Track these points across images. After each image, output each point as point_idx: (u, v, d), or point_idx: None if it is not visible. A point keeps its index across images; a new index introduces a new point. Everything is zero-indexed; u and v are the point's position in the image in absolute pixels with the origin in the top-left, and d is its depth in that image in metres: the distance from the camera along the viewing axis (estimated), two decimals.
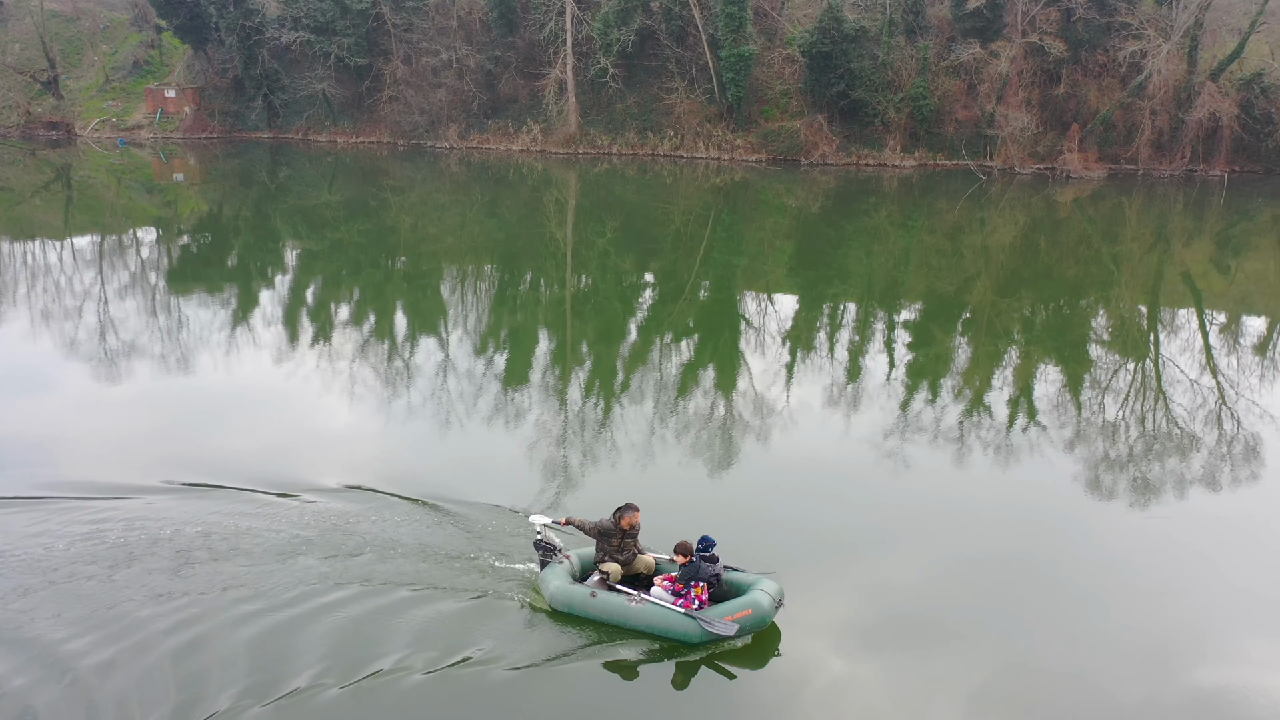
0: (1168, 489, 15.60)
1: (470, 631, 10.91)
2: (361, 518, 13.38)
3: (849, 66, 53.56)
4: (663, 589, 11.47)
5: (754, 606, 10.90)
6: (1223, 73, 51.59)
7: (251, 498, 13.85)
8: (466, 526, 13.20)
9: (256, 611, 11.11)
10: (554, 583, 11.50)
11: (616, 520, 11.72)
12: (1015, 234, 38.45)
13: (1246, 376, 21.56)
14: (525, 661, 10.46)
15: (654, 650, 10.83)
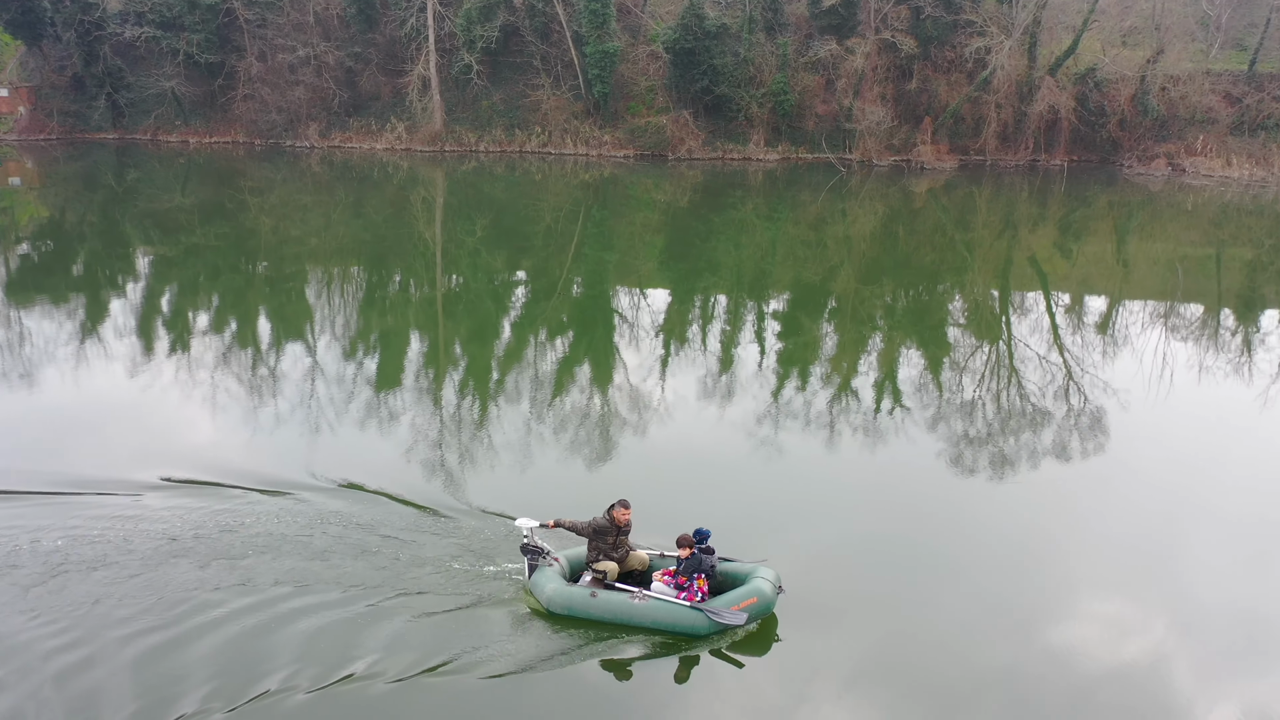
0: (1023, 461, 16.47)
1: (457, 637, 10.79)
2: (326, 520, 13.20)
3: (712, 63, 54.44)
4: (663, 584, 11.49)
5: (758, 594, 11.03)
6: (1059, 68, 54.56)
7: (100, 502, 13.23)
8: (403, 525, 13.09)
9: (230, 614, 11.08)
10: (550, 585, 11.35)
11: (610, 518, 11.65)
12: (875, 224, 39.84)
13: (1090, 353, 22.93)
14: (519, 665, 10.43)
15: (653, 646, 10.87)
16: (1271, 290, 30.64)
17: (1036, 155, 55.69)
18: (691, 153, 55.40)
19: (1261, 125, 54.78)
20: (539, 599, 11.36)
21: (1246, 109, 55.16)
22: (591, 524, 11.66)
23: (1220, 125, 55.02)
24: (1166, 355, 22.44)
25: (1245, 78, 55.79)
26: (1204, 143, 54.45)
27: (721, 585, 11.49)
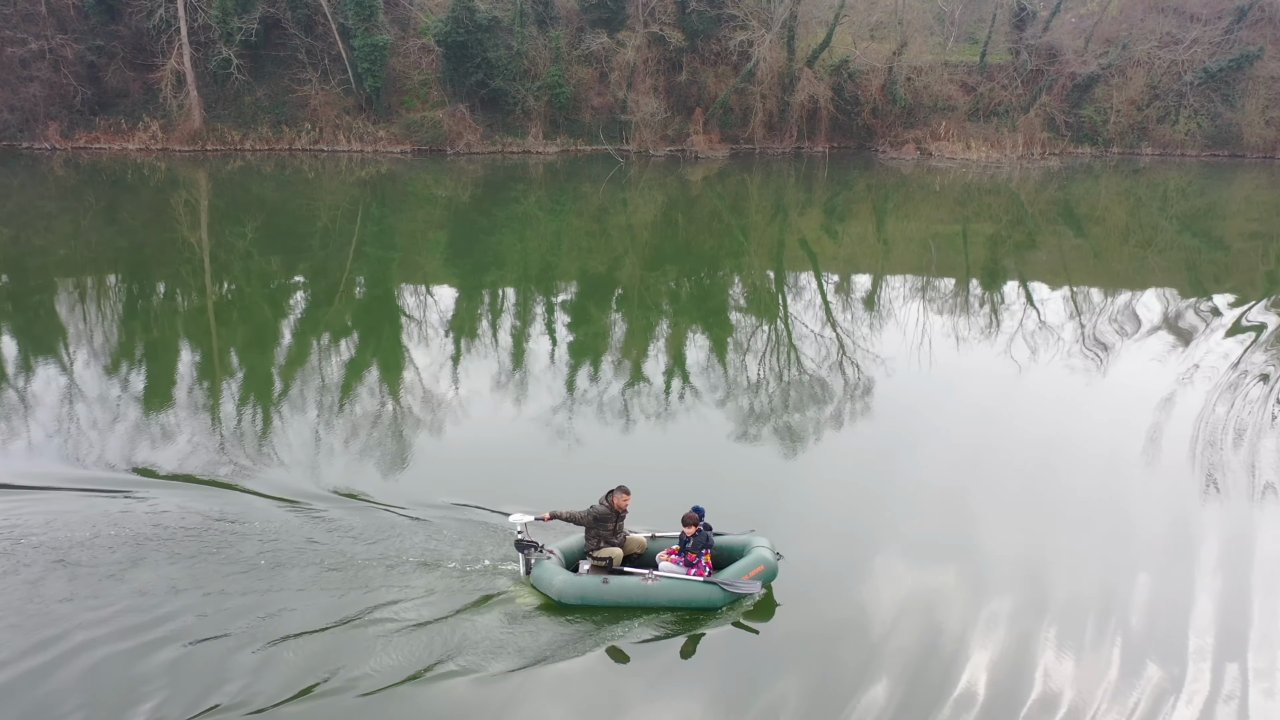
0: (808, 431, 17.44)
1: (465, 638, 10.67)
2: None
3: (486, 56, 54.05)
4: (671, 563, 11.72)
5: (764, 562, 11.53)
6: (816, 60, 57.74)
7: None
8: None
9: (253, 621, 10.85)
10: (558, 577, 11.34)
11: (610, 504, 11.72)
12: (655, 212, 40.87)
13: (859, 327, 24.51)
14: (535, 658, 10.45)
15: (666, 624, 11.08)
16: (1011, 261, 33.72)
17: (800, 142, 58.73)
18: (470, 147, 54.83)
19: (994, 112, 60.09)
20: (548, 592, 11.34)
21: (980, 97, 60.35)
22: (591, 512, 11.74)
23: (959, 112, 59.92)
24: (925, 324, 24.31)
25: (978, 68, 61.00)
26: (946, 128, 59.14)
27: (718, 559, 11.85)
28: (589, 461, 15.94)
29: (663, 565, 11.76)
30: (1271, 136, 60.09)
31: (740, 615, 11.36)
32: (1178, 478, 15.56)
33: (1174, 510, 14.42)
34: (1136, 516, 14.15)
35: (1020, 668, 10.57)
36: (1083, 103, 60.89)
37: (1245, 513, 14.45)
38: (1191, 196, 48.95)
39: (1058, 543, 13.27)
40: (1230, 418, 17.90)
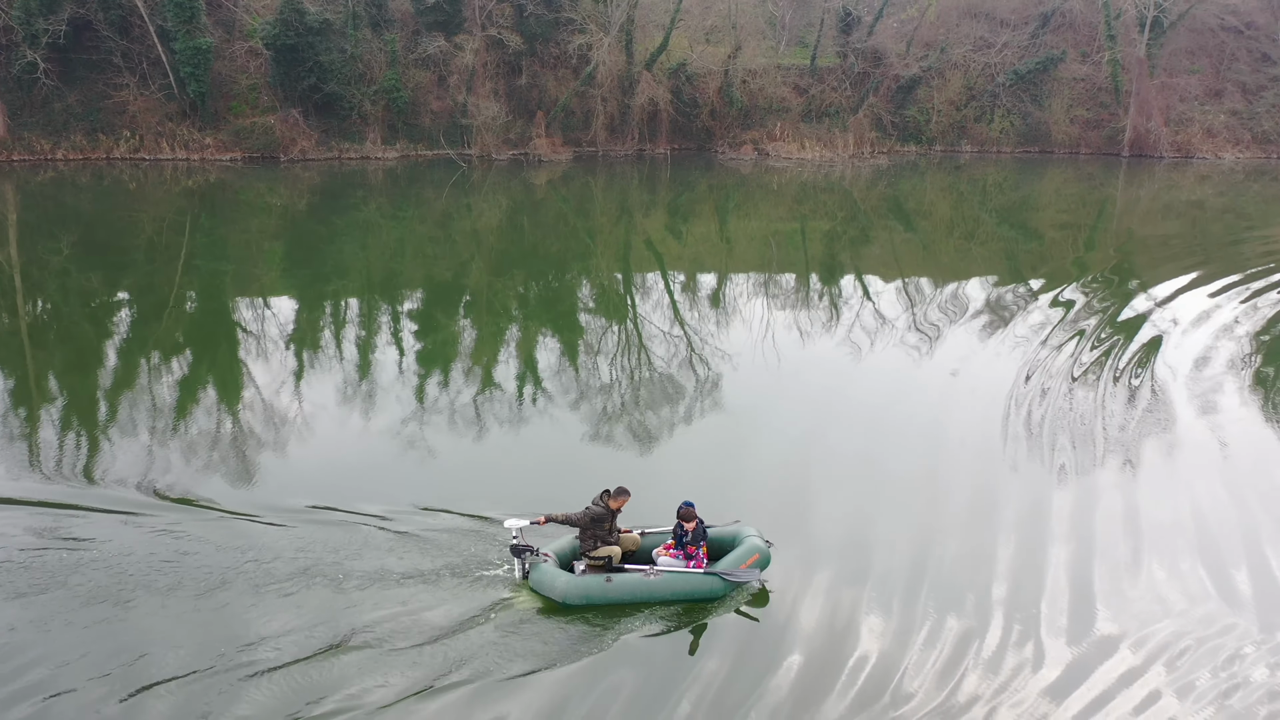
0: (661, 429, 17.68)
1: (472, 646, 10.69)
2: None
3: (318, 59, 52.36)
4: (669, 557, 12.05)
5: (759, 550, 11.93)
6: (654, 63, 58.54)
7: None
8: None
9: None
10: (560, 579, 11.49)
11: (605, 505, 11.92)
12: (500, 217, 40.58)
13: (706, 324, 25.02)
14: (547, 661, 10.56)
15: (669, 617, 11.38)
16: (847, 256, 35.10)
17: (643, 145, 59.41)
18: (305, 153, 53.02)
19: (825, 112, 62.34)
20: (551, 595, 11.48)
21: (812, 99, 62.50)
22: (587, 513, 11.89)
23: (793, 113, 61.91)
24: (769, 318, 25.03)
25: (809, 71, 63.18)
26: (782, 129, 61.00)
27: (710, 551, 12.16)
28: (441, 468, 15.73)
29: (661, 560, 12.11)
30: (1076, 134, 64.55)
31: (739, 603, 11.79)
32: (991, 449, 16.72)
33: (984, 478, 15.69)
34: (951, 484, 15.33)
35: (845, 629, 11.36)
36: (907, 103, 63.88)
37: (1043, 477, 15.73)
38: (1008, 190, 52.09)
39: (883, 512, 14.10)
40: (1038, 392, 19.22)
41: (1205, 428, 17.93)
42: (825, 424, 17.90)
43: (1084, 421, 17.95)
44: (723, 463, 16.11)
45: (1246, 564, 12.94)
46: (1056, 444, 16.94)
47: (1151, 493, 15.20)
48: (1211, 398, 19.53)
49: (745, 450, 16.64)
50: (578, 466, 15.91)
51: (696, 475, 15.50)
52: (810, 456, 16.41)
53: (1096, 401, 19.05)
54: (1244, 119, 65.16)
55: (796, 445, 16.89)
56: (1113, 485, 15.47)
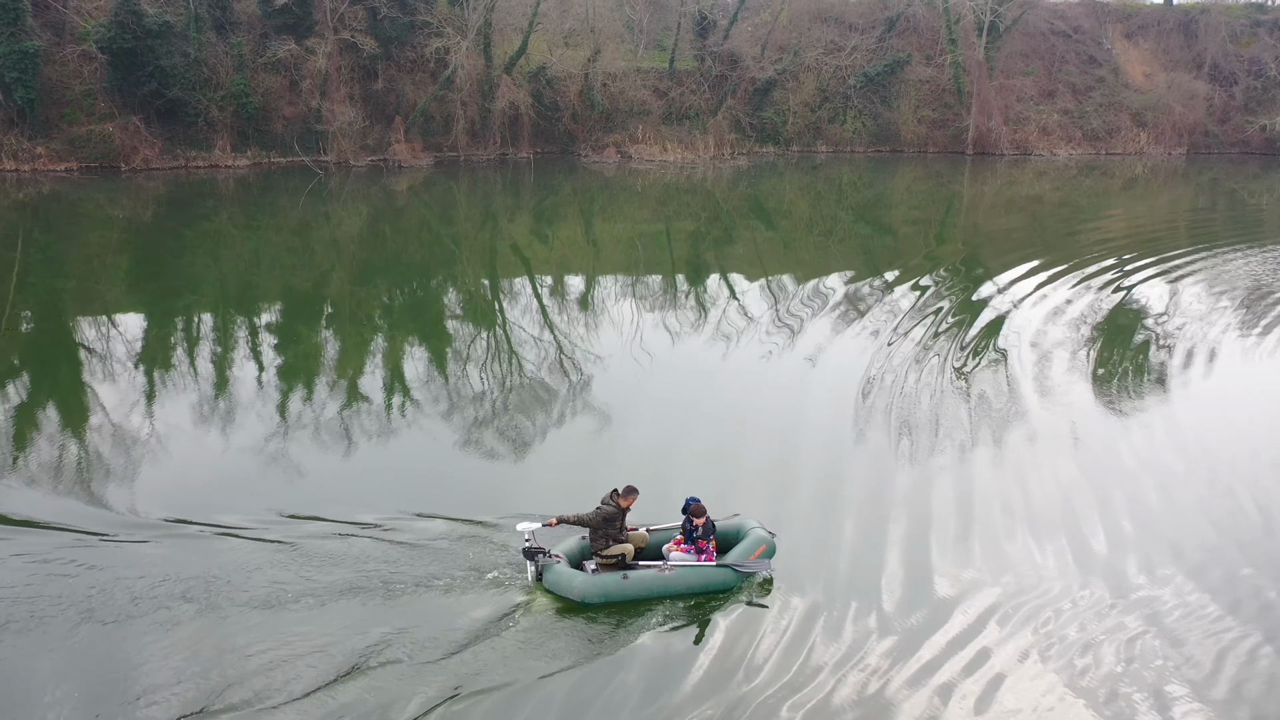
0: (532, 431, 17.56)
1: (494, 651, 10.81)
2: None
3: (159, 64, 49.93)
4: (681, 553, 12.36)
5: (765, 541, 12.34)
6: (514, 67, 58.19)
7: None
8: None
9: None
10: (577, 579, 11.68)
11: (617, 504, 12.12)
12: (361, 225, 39.59)
13: (575, 327, 24.99)
14: (572, 661, 10.75)
15: (682, 611, 11.70)
16: (711, 255, 35.66)
17: (505, 149, 58.93)
18: (149, 163, 50.46)
19: (685, 115, 63.19)
20: (569, 595, 11.63)
21: (672, 101, 63.27)
22: (599, 513, 12.08)
23: (654, 116, 62.52)
24: (638, 319, 25.19)
25: (668, 74, 63.94)
26: (643, 132, 61.52)
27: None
28: (300, 481, 15.23)
29: (673, 555, 12.41)
30: (924, 133, 67.32)
31: (749, 594, 12.14)
32: (843, 435, 17.50)
33: (834, 463, 16.44)
34: (803, 470, 15.95)
35: (696, 610, 11.88)
36: (763, 105, 65.37)
37: (889, 459, 16.51)
38: (862, 189, 53.92)
39: (740, 499, 14.36)
40: (888, 380, 20.03)
41: (1042, 409, 19.00)
42: (691, 418, 18.22)
43: (928, 406, 18.86)
44: (591, 461, 16.20)
45: (1065, 534, 13.81)
46: (902, 428, 17.77)
47: (986, 470, 16.13)
48: (1049, 380, 20.73)
49: (613, 447, 16.85)
50: (449, 472, 15.74)
51: (566, 475, 15.53)
52: (674, 450, 16.68)
53: (942, 387, 20.02)
54: (1075, 117, 69.23)
55: (662, 440, 17.14)
56: (951, 465, 16.31)
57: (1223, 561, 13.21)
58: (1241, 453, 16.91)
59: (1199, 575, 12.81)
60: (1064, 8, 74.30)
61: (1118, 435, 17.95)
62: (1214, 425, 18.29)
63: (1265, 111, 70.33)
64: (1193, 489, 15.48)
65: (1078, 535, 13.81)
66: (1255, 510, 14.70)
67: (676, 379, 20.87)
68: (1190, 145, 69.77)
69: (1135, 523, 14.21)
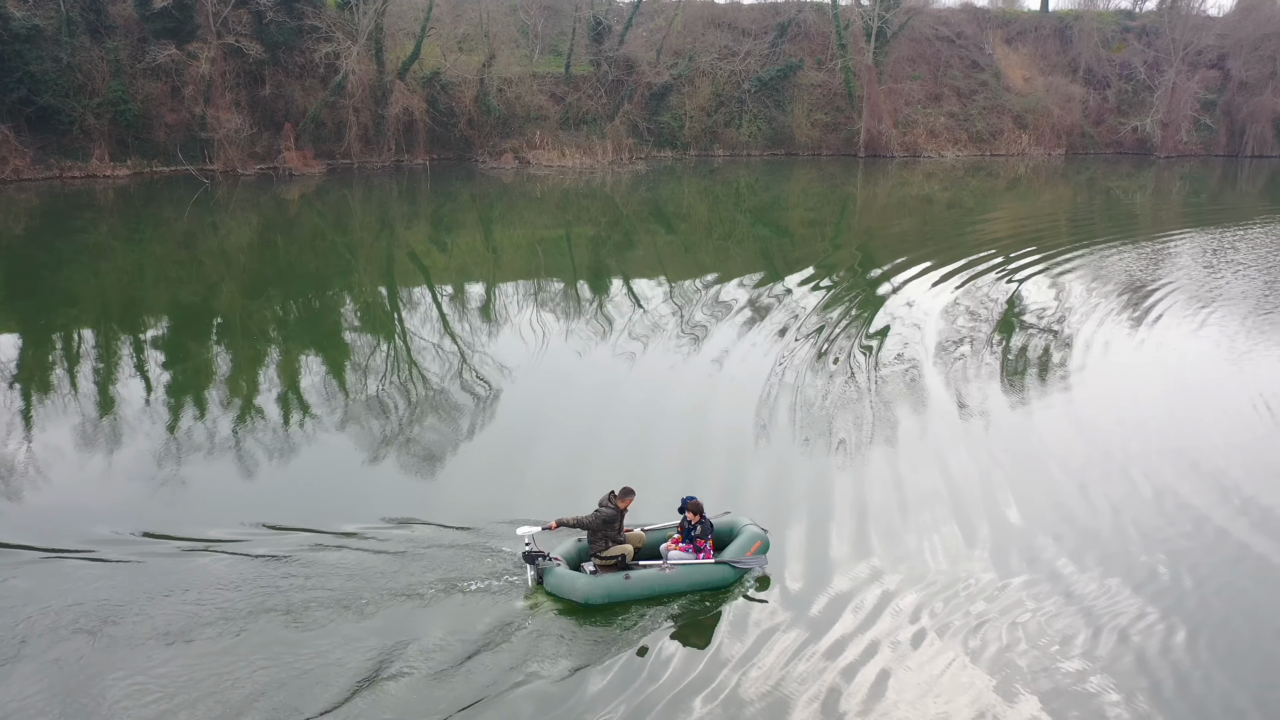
0: (440, 441, 17.19)
1: (500, 657, 10.90)
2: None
3: (28, 70, 47.55)
4: (680, 551, 12.58)
5: (760, 538, 12.65)
6: (407, 72, 57.25)
7: None
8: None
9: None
10: (580, 581, 11.85)
11: (615, 505, 12.32)
12: (251, 235, 38.35)
13: (478, 334, 24.62)
14: (580, 663, 10.89)
15: (683, 608, 11.97)
16: (613, 260, 35.62)
17: (400, 156, 57.94)
18: (20, 173, 48.00)
19: (583, 120, 63.16)
20: (572, 597, 11.79)
21: (569, 106, 63.16)
22: (599, 515, 12.25)
23: (551, 121, 62.30)
24: (541, 325, 24.96)
25: (564, 79, 63.80)
26: (541, 137, 61.24)
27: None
28: (191, 500, 14.60)
29: (672, 554, 12.59)
30: (817, 136, 68.67)
31: (746, 590, 12.43)
32: (745, 435, 17.66)
33: (737, 462, 16.55)
34: (708, 471, 15.99)
35: (608, 612, 11.97)
36: (660, 110, 65.77)
37: (790, 455, 16.72)
38: (759, 192, 54.62)
39: (646, 502, 14.21)
40: (789, 378, 20.30)
41: (937, 402, 19.51)
42: (599, 423, 18.19)
43: (829, 404, 19.19)
44: (502, 467, 16.02)
45: (957, 522, 14.27)
46: (804, 426, 18.06)
47: (883, 463, 16.46)
48: (943, 374, 21.30)
49: (523, 454, 16.62)
50: (356, 483, 15.26)
51: (479, 483, 15.33)
52: (584, 455, 16.59)
53: (841, 385, 20.40)
54: (960, 120, 71.56)
55: (571, 445, 17.07)
56: (850, 459, 16.64)
57: (1110, 541, 13.76)
58: (1129, 435, 17.62)
59: (1084, 555, 13.36)
60: (947, 14, 76.76)
61: (1010, 425, 18.54)
62: (1099, 411, 19.05)
63: (1136, 113, 73.89)
64: (1080, 473, 16.08)
65: (969, 522, 14.26)
66: (1147, 490, 15.38)
67: (583, 384, 20.73)
68: (1068, 146, 72.82)
69: (1025, 508, 14.74)
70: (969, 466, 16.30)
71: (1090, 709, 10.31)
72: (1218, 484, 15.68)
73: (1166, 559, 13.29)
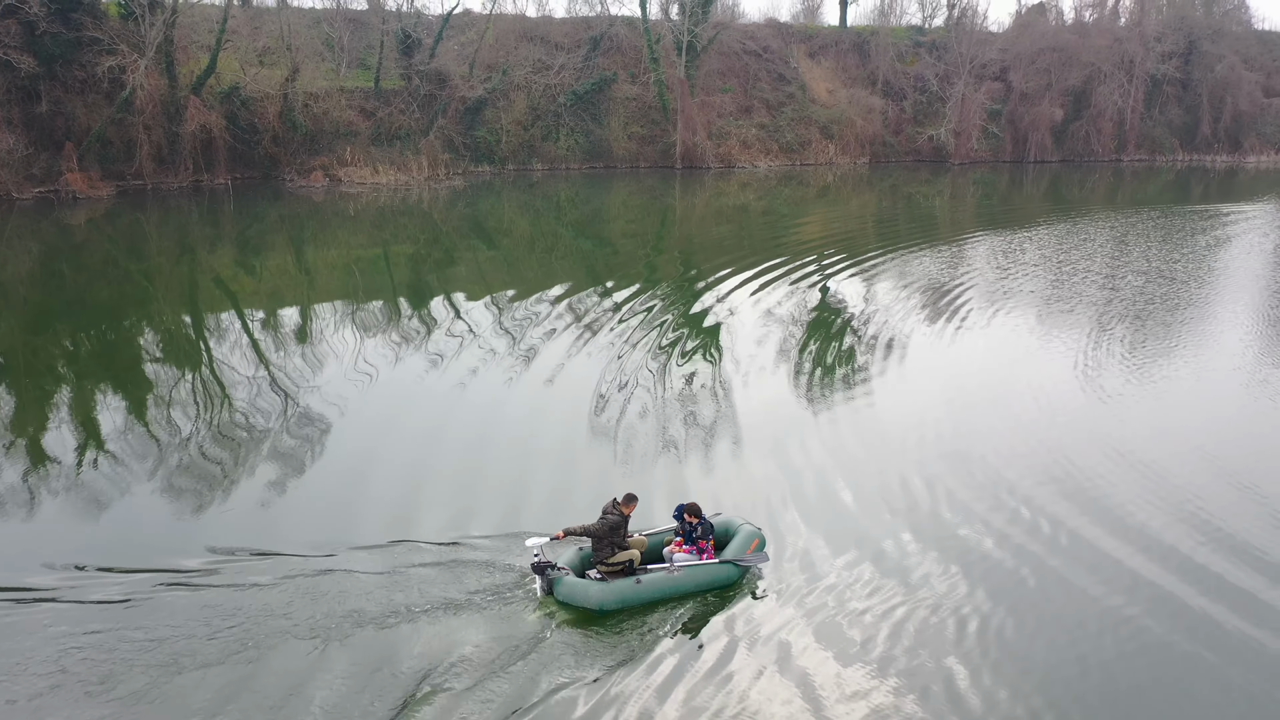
0: (250, 471, 15.96)
1: (521, 672, 10.76)
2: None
3: None
4: (684, 553, 12.77)
5: (759, 537, 12.94)
6: (203, 87, 54.04)
7: None
8: None
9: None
10: (593, 588, 11.98)
11: (620, 512, 12.48)
12: (32, 265, 35.09)
13: (292, 359, 23.19)
14: (605, 668, 10.91)
15: (693, 607, 12.13)
16: (434, 278, 34.59)
17: (199, 176, 54.61)
18: None
19: (396, 136, 61.45)
20: (586, 604, 11.87)
21: (381, 122, 61.33)
22: (605, 523, 12.39)
23: (363, 137, 60.30)
24: (361, 347, 23.81)
25: (374, 94, 61.92)
26: (352, 154, 59.15)
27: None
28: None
29: (677, 556, 12.74)
30: (635, 149, 69.40)
31: (748, 588, 12.64)
32: (576, 448, 17.56)
33: (567, 476, 16.32)
34: (535, 487, 15.76)
35: (406, 625, 11.13)
36: (476, 125, 64.83)
37: (617, 466, 16.68)
38: (579, 205, 54.58)
39: (476, 521, 14.28)
40: (616, 388, 20.24)
41: (753, 408, 19.72)
42: (431, 444, 17.62)
43: (653, 414, 19.16)
44: (328, 495, 15.25)
45: (768, 529, 14.03)
46: (629, 437, 17.94)
47: (700, 471, 16.52)
48: (760, 379, 21.76)
49: (353, 480, 15.84)
50: (157, 520, 13.93)
51: (300, 510, 14.49)
52: (415, 479, 16.06)
53: (665, 394, 20.49)
54: (770, 131, 73.95)
55: (405, 468, 16.44)
56: (671, 467, 16.62)
57: (901, 538, 14.12)
58: (926, 436, 18.18)
59: (884, 555, 13.59)
60: (753, 29, 79.35)
61: (826, 426, 18.92)
62: (907, 411, 19.63)
63: (931, 123, 78.44)
64: (877, 474, 16.38)
65: (777, 529, 14.21)
66: (922, 488, 15.77)
67: (411, 405, 19.87)
68: (872, 155, 76.52)
69: (828, 510, 14.91)
70: (773, 472, 16.36)
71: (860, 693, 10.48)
72: (1000, 479, 16.20)
73: (958, 546, 13.77)
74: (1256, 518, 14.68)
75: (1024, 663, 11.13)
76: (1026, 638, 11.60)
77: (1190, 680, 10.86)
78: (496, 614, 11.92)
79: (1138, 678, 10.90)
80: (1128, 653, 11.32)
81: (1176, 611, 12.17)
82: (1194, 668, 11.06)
